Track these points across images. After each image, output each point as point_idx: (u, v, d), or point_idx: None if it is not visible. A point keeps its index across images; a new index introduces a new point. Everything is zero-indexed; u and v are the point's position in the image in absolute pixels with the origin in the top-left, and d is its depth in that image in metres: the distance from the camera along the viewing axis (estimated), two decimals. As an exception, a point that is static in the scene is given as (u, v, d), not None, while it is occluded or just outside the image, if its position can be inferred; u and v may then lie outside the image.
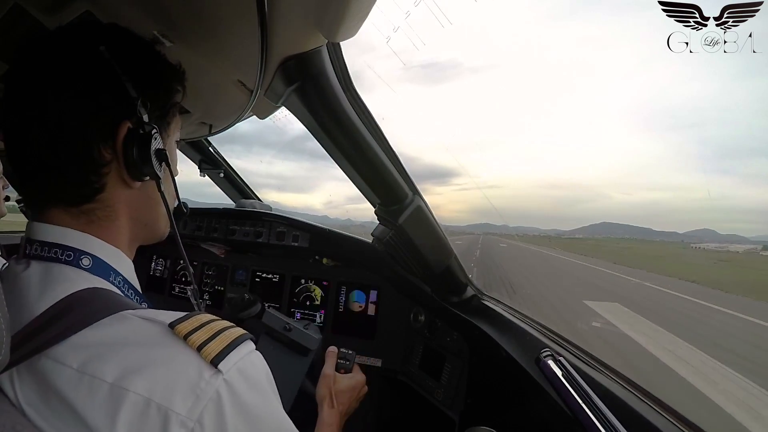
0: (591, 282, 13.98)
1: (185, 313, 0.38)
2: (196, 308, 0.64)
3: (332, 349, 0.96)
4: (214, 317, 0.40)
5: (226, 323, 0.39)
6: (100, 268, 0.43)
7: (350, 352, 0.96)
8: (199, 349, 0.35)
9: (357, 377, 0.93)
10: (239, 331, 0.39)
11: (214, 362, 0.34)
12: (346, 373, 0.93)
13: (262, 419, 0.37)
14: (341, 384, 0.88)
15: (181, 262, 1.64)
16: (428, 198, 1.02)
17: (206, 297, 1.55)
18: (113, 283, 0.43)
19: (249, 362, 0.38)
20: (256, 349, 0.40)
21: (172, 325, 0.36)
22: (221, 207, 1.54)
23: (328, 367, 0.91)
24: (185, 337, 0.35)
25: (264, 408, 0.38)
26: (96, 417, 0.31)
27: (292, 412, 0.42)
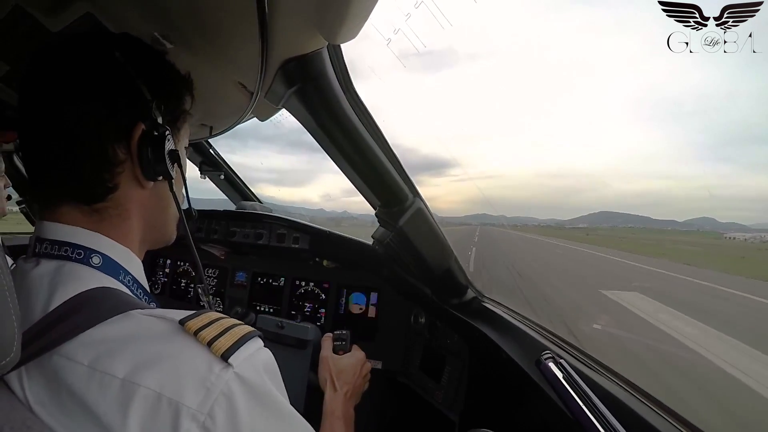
0: None
1: (194, 311, 0.39)
2: (206, 305, 0.64)
3: (327, 335, 0.98)
4: (222, 315, 0.40)
5: (234, 321, 0.40)
6: (110, 267, 0.43)
7: (344, 332, 0.98)
8: (210, 344, 0.35)
9: (356, 354, 0.94)
10: (248, 328, 0.40)
11: (225, 356, 0.35)
12: (344, 353, 0.94)
13: (275, 410, 0.38)
14: (340, 363, 0.89)
15: (180, 263, 1.66)
16: (425, 189, 1.02)
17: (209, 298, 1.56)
18: (123, 283, 0.44)
19: (259, 357, 0.38)
20: None
21: (182, 322, 0.36)
22: (222, 209, 1.54)
23: (325, 350, 0.92)
24: (195, 333, 0.36)
25: (276, 400, 0.38)
26: (108, 412, 0.32)
27: (305, 407, 0.41)
